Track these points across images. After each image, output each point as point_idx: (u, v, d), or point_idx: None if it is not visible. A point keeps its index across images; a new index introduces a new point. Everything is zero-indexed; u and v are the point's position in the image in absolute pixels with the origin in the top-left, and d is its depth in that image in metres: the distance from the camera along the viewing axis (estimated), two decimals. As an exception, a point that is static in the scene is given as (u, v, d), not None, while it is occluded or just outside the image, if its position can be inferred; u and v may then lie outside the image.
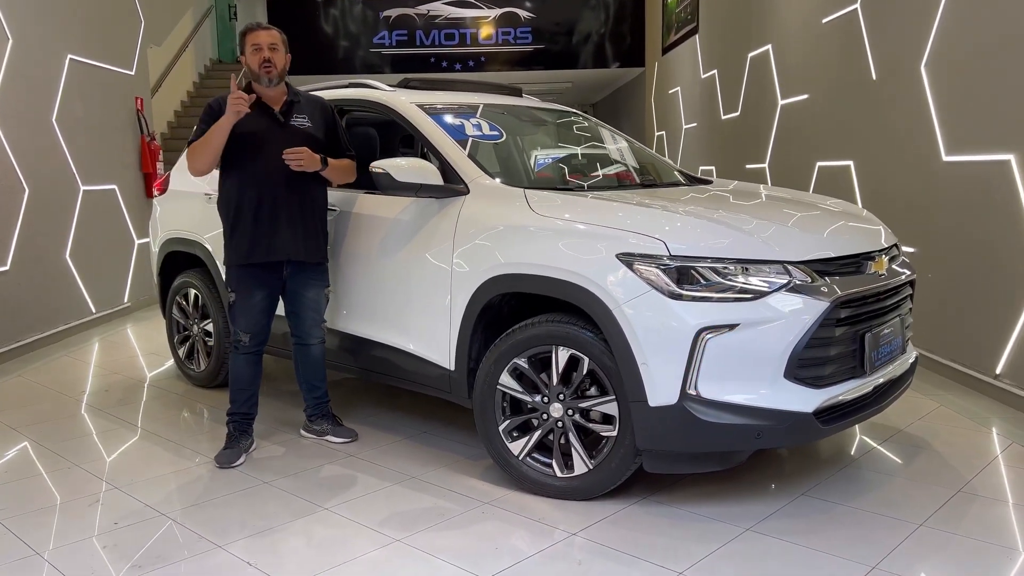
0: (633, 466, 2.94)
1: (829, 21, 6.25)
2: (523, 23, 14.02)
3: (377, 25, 14.03)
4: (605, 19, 14.18)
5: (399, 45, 13.98)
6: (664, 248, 2.77)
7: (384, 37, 13.99)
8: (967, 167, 4.49)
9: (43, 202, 6.12)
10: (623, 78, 15.94)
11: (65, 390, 4.85)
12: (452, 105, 3.89)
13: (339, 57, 14.10)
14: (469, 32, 13.99)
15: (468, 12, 13.94)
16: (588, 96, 19.60)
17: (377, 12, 14.02)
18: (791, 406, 2.74)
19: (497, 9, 13.96)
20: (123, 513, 3.05)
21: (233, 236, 3.52)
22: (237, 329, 3.57)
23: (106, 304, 7.12)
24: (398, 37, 13.97)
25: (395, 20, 13.94)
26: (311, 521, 2.95)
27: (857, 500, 3.03)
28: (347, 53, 14.11)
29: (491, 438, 3.19)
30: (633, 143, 4.51)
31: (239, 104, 3.30)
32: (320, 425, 3.84)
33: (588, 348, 2.93)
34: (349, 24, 14.05)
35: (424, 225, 3.45)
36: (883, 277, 3.07)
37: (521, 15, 14.00)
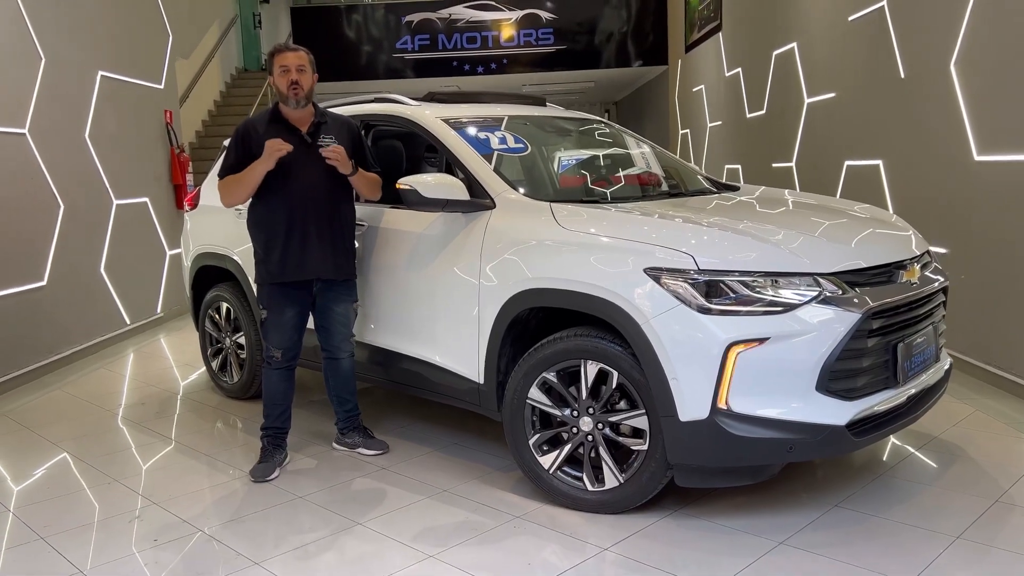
0: (664, 480, 2.94)
1: (856, 19, 6.18)
2: (545, 24, 14.01)
3: (400, 30, 14.09)
4: (627, 17, 14.13)
5: (421, 49, 14.04)
6: (692, 262, 2.77)
7: (407, 42, 14.05)
8: (1000, 167, 4.43)
9: (78, 218, 6.24)
10: (645, 76, 15.87)
11: (102, 403, 4.94)
12: (477, 118, 3.91)
13: (363, 63, 14.19)
14: (491, 35, 14.01)
15: (489, 15, 13.96)
16: (611, 95, 19.55)
17: (399, 17, 14.10)
18: (824, 419, 2.73)
19: (518, 11, 13.96)
20: (162, 529, 3.11)
21: (264, 256, 3.57)
22: (269, 345, 3.63)
23: (140, 315, 7.24)
24: (420, 42, 14.02)
25: (417, 25, 14.00)
26: (346, 536, 2.99)
27: (891, 511, 3.00)
28: (370, 59, 14.20)
29: (521, 452, 3.20)
30: (657, 148, 4.51)
31: (279, 153, 3.38)
32: (352, 438, 3.88)
33: (617, 362, 2.93)
34: (371, 30, 14.14)
35: (451, 239, 3.47)
36: (915, 286, 3.04)
37: (543, 16, 14.00)
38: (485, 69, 14.17)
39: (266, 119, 3.58)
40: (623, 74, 15.42)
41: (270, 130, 3.54)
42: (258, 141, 3.51)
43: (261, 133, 3.53)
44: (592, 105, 20.94)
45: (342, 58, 14.17)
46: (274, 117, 3.57)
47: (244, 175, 3.50)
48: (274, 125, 3.55)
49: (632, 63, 14.33)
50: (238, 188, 3.54)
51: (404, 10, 14.18)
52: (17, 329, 5.44)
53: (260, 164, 3.44)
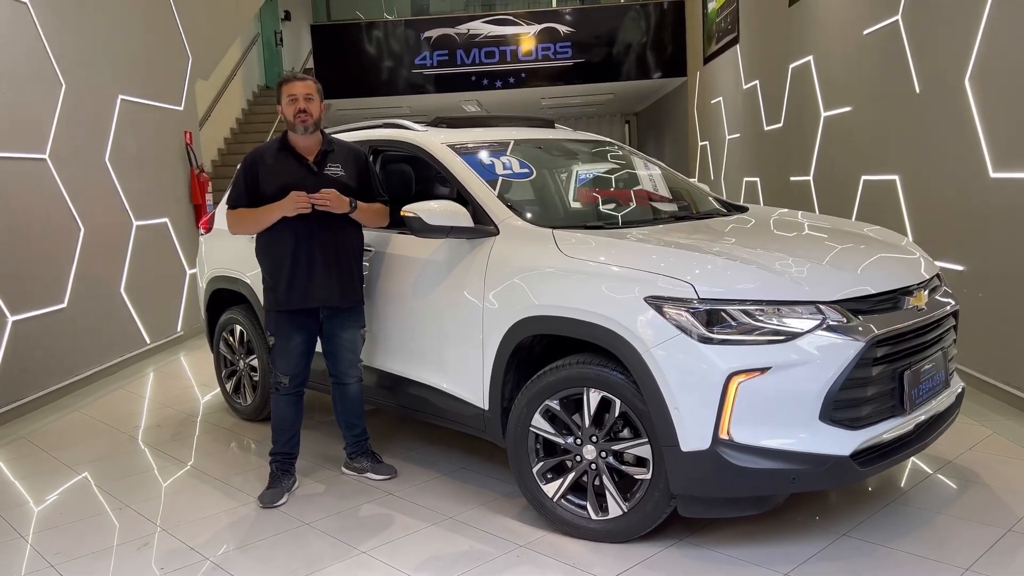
0: (668, 509, 2.92)
1: (870, 32, 6.13)
2: (562, 38, 14.03)
3: (418, 46, 14.19)
4: (645, 30, 14.11)
5: (440, 65, 14.12)
6: (692, 291, 2.75)
7: (425, 58, 14.13)
8: (1016, 184, 4.36)
9: (98, 240, 6.34)
10: (664, 88, 15.83)
11: (119, 425, 5.01)
12: (482, 143, 3.93)
13: (382, 79, 14.29)
14: (509, 49, 14.05)
15: (507, 29, 14.01)
16: (631, 106, 19.51)
17: (418, 33, 14.19)
18: (827, 449, 2.70)
19: (536, 25, 14.00)
20: (169, 556, 3.14)
21: (271, 283, 3.61)
22: (277, 371, 3.66)
23: (160, 334, 7.33)
24: (439, 57, 14.10)
25: (436, 40, 14.08)
26: (350, 565, 3.00)
27: (900, 541, 2.95)
28: (389, 74, 14.29)
29: (525, 480, 3.20)
30: (667, 170, 4.49)
31: (302, 209, 3.44)
32: (360, 463, 3.89)
33: (619, 390, 2.92)
34: (390, 46, 14.24)
35: (456, 266, 3.48)
36: (922, 312, 3.00)
37: (560, 30, 14.02)
38: (503, 83, 14.21)
39: (275, 148, 3.62)
40: (642, 86, 15.39)
41: (279, 158, 3.58)
42: (266, 171, 3.55)
43: (269, 163, 3.57)
44: (612, 117, 20.91)
45: (362, 74, 14.28)
46: (282, 146, 3.61)
47: (259, 214, 3.53)
48: (282, 154, 3.59)
49: (651, 75, 14.30)
50: (249, 224, 3.59)
51: (423, 26, 14.27)
52: (37, 351, 5.53)
53: (278, 210, 3.49)
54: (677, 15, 13.94)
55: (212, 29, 9.23)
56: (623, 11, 14.38)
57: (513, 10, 14.51)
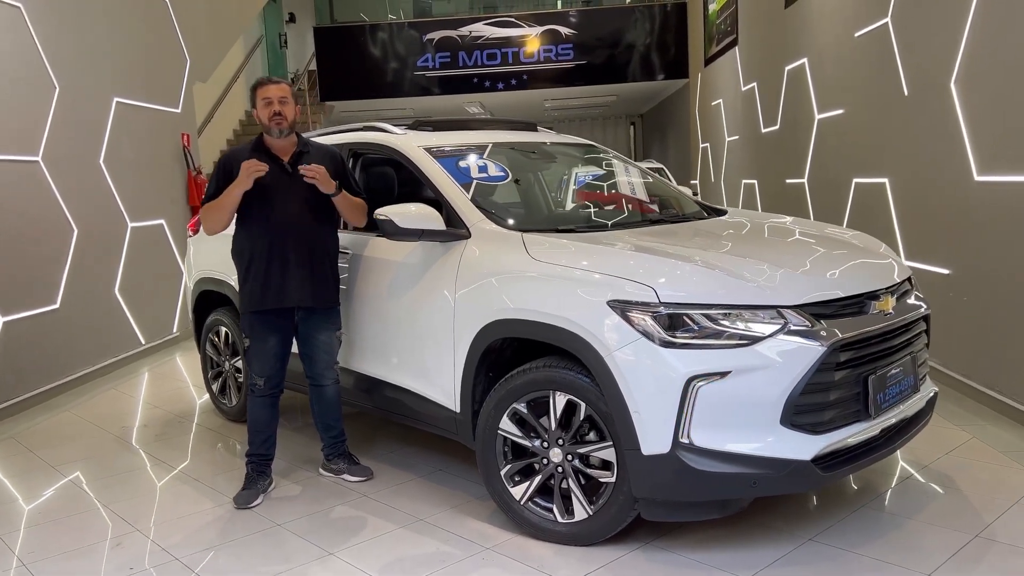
0: (633, 513, 2.92)
1: (862, 35, 6.11)
2: (565, 39, 14.04)
3: (421, 48, 14.23)
4: (647, 32, 14.10)
5: (443, 67, 14.15)
6: (654, 295, 2.75)
7: (428, 59, 14.18)
8: (999, 187, 4.34)
9: (92, 241, 6.39)
10: (668, 90, 15.81)
11: (107, 425, 5.04)
12: (460, 147, 3.94)
13: (384, 81, 14.34)
14: (511, 51, 14.08)
15: (509, 31, 14.03)
16: (635, 108, 19.49)
17: (421, 35, 14.23)
18: (788, 454, 2.69)
19: (538, 27, 14.02)
20: (140, 557, 3.16)
21: (246, 284, 3.63)
22: (252, 373, 3.68)
23: (156, 335, 7.38)
24: (441, 59, 14.14)
25: (438, 42, 14.12)
26: (316, 567, 3.02)
27: (866, 546, 2.94)
28: (392, 76, 14.34)
29: (493, 482, 3.20)
30: (648, 173, 4.49)
31: (255, 173, 3.43)
32: (337, 464, 3.91)
33: (585, 394, 2.92)
34: (393, 48, 14.29)
35: (429, 269, 3.50)
36: (889, 316, 2.99)
37: (563, 32, 14.03)
38: (505, 85, 14.24)
39: (249, 149, 3.64)
40: (644, 88, 15.38)
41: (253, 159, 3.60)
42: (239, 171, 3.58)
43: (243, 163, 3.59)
44: (617, 119, 20.90)
45: (364, 76, 14.35)
46: (256, 147, 3.63)
47: (222, 198, 3.54)
48: (257, 154, 3.61)
49: (653, 77, 14.29)
50: (217, 213, 3.59)
51: (425, 28, 14.32)
52: (29, 351, 5.58)
53: (237, 186, 3.48)
54: (679, 17, 13.93)
55: (211, 31, 9.29)
56: (625, 13, 14.39)
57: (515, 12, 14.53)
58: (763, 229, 3.71)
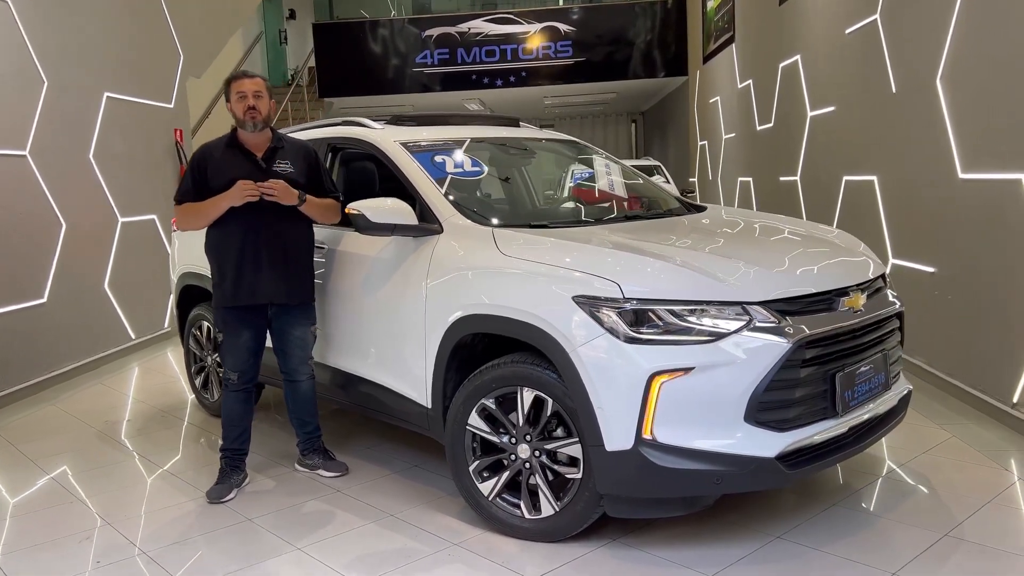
0: (599, 510, 2.90)
1: (852, 32, 6.08)
2: (563, 36, 14.02)
3: (420, 44, 14.22)
4: (646, 29, 14.07)
5: (441, 64, 14.15)
6: (619, 290, 2.74)
7: (427, 56, 14.18)
8: (981, 185, 4.30)
9: (80, 236, 6.39)
10: (668, 87, 15.78)
11: (90, 420, 5.05)
12: (436, 142, 3.92)
13: (383, 77, 14.35)
14: (510, 48, 14.07)
15: (508, 28, 14.02)
16: (636, 105, 19.45)
17: (420, 32, 14.23)
18: (752, 451, 2.67)
19: (537, 24, 14.00)
20: (108, 550, 3.16)
21: (219, 279, 3.62)
22: (226, 368, 3.68)
23: (146, 330, 7.39)
24: (440, 56, 14.14)
25: (437, 39, 14.12)
26: (281, 562, 3.01)
27: (833, 544, 2.92)
28: (390, 73, 14.35)
29: (462, 478, 3.19)
30: (628, 169, 4.47)
31: (248, 197, 3.44)
32: (312, 459, 3.91)
33: (551, 389, 2.91)
34: (392, 44, 14.29)
35: (401, 264, 3.48)
36: (858, 313, 2.96)
37: (561, 29, 14.01)
38: (504, 82, 14.23)
39: (223, 144, 3.63)
40: (644, 85, 15.36)
41: (226, 155, 3.59)
42: (214, 166, 3.57)
43: (217, 158, 3.59)
44: (619, 116, 20.87)
45: (363, 73, 14.35)
46: (230, 142, 3.62)
47: (206, 207, 3.54)
48: (230, 150, 3.60)
49: (652, 74, 14.27)
50: (197, 217, 3.60)
51: (424, 24, 14.32)
52: (15, 346, 5.59)
53: (225, 200, 3.49)
54: (679, 14, 13.90)
55: (205, 27, 9.29)
56: (624, 10, 14.35)
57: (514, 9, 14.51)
58: (738, 226, 3.69)
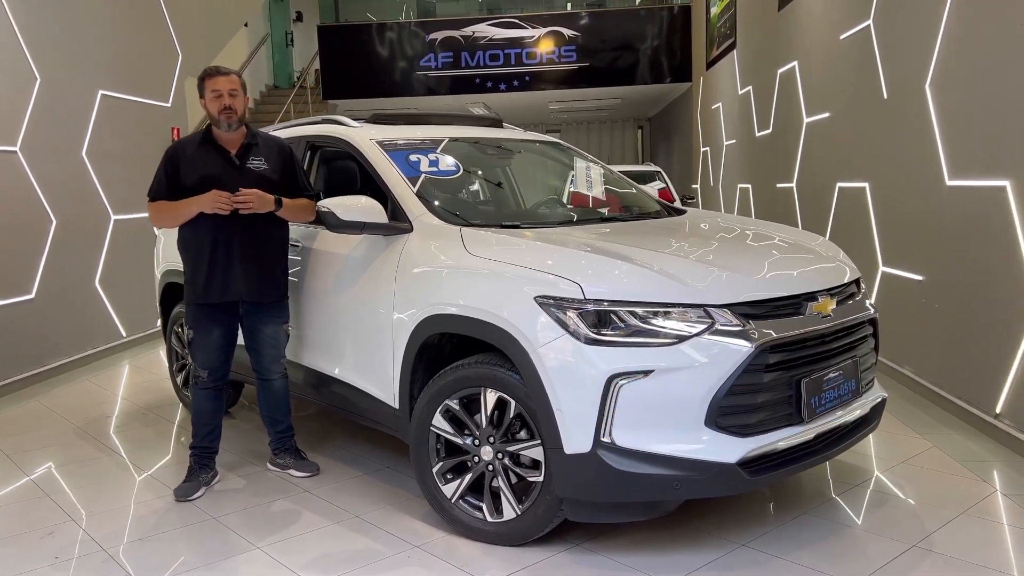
0: (560, 513, 2.86)
1: (846, 37, 6.03)
2: (568, 41, 14.00)
3: (424, 48, 14.23)
4: (651, 34, 14.03)
5: (445, 67, 14.15)
6: (579, 291, 2.70)
7: (430, 59, 14.18)
8: (967, 192, 4.25)
9: (71, 232, 6.40)
10: (673, 93, 15.73)
11: (71, 416, 5.04)
12: (413, 141, 3.89)
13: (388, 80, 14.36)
14: (514, 52, 14.06)
15: (512, 32, 14.01)
16: (642, 111, 19.40)
17: (424, 35, 14.24)
18: (712, 456, 2.62)
19: (541, 28, 13.99)
20: (68, 546, 3.14)
21: (191, 276, 3.61)
22: (196, 365, 3.66)
23: (138, 328, 7.39)
24: (444, 59, 14.14)
25: (441, 42, 14.12)
26: (239, 561, 2.98)
27: (798, 553, 2.87)
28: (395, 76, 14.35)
29: (425, 479, 3.15)
30: (612, 172, 4.43)
31: (218, 209, 3.43)
32: (284, 459, 3.88)
33: (514, 391, 2.87)
34: (396, 47, 14.30)
35: (371, 262, 3.46)
36: (827, 319, 2.91)
37: (566, 33, 13.99)
38: (507, 86, 14.22)
39: (197, 140, 3.62)
40: (649, 91, 15.31)
41: (200, 151, 3.58)
42: (187, 163, 3.55)
43: (190, 155, 3.57)
44: (625, 122, 20.83)
45: (367, 75, 14.37)
46: (205, 138, 3.61)
47: (178, 208, 3.53)
48: (204, 147, 3.59)
49: (656, 80, 14.22)
50: (168, 217, 3.60)
51: (429, 28, 14.33)
52: (1, 341, 5.59)
53: (196, 204, 3.48)
54: (683, 20, 13.86)
55: (205, 27, 9.31)
56: (629, 15, 14.34)
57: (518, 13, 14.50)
58: (712, 230, 3.64)
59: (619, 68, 14.17)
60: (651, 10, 14.08)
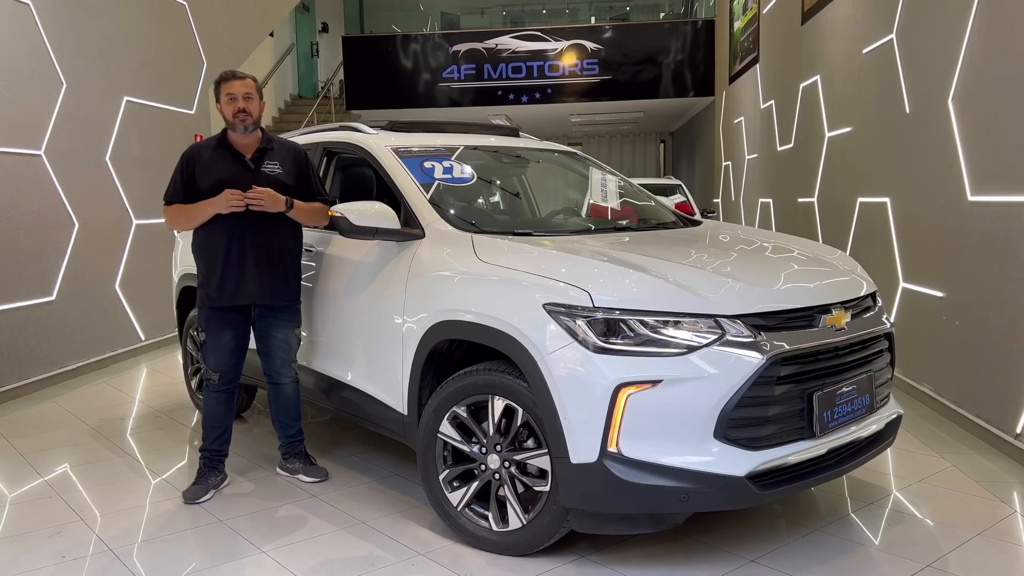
0: (566, 524, 2.83)
1: (869, 51, 5.97)
2: (590, 54, 14.02)
3: (447, 59, 14.31)
4: (674, 48, 14.01)
5: (467, 79, 14.21)
6: (589, 299, 2.67)
7: (453, 71, 14.25)
8: (989, 208, 4.17)
9: (93, 236, 6.48)
10: (696, 107, 15.68)
11: (86, 417, 5.08)
12: (427, 148, 3.90)
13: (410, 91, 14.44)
14: (536, 64, 14.09)
15: (535, 45, 14.05)
16: (665, 126, 19.37)
17: (447, 47, 14.32)
18: (721, 469, 2.58)
19: (564, 41, 14.02)
20: (75, 546, 3.15)
21: (204, 279, 3.62)
22: (208, 368, 3.67)
23: (156, 331, 7.45)
24: (467, 71, 14.21)
25: (464, 54, 14.19)
26: (244, 564, 2.97)
27: (808, 570, 2.81)
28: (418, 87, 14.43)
29: (432, 487, 3.13)
30: (627, 182, 4.41)
31: (233, 208, 3.45)
32: (293, 464, 3.87)
33: (521, 398, 2.85)
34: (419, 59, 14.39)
35: (383, 268, 3.46)
36: (841, 332, 2.86)
37: (588, 47, 14.01)
38: (529, 99, 14.25)
39: (212, 144, 3.64)
40: (672, 105, 15.28)
41: (216, 155, 3.60)
42: (202, 167, 3.58)
43: (206, 159, 3.59)
44: (647, 136, 20.80)
45: (390, 86, 14.47)
46: (220, 143, 3.63)
47: (193, 211, 3.55)
48: (220, 150, 3.61)
49: (678, 94, 14.19)
50: (184, 220, 3.62)
51: (452, 40, 14.41)
52: (21, 341, 5.66)
53: (212, 206, 3.50)
54: (707, 34, 13.83)
55: (230, 36, 9.41)
56: (652, 29, 14.33)
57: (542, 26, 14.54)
58: (727, 241, 3.60)
59: (642, 82, 14.16)
60: (675, 24, 14.08)
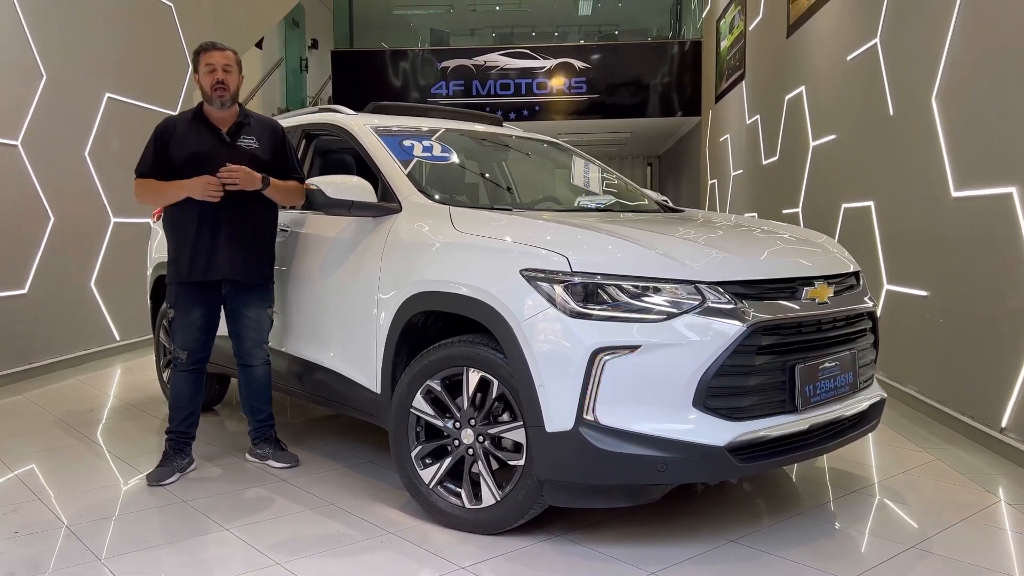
0: (541, 500, 2.73)
1: (854, 58, 6.00)
2: (578, 73, 14.08)
3: (436, 75, 14.34)
4: (661, 69, 14.10)
5: (455, 95, 14.23)
6: (567, 264, 2.61)
7: (442, 87, 14.28)
8: (972, 202, 4.15)
9: (69, 231, 6.36)
10: (682, 128, 15.77)
11: (53, 409, 4.93)
12: (408, 129, 3.85)
13: (400, 106, 14.42)
14: (524, 82, 14.14)
15: (523, 63, 14.10)
16: (653, 148, 19.46)
17: (436, 63, 14.36)
18: (700, 438, 2.50)
19: (552, 59, 14.08)
20: (31, 523, 3.02)
21: (174, 255, 3.54)
22: (175, 346, 3.57)
23: (132, 332, 7.30)
24: (455, 87, 14.23)
25: (453, 70, 14.23)
26: (205, 541, 2.86)
27: (789, 551, 2.72)
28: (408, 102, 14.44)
29: (403, 464, 3.03)
30: (610, 172, 4.37)
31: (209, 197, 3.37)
32: (263, 449, 3.76)
33: (497, 370, 2.77)
34: (409, 74, 14.41)
35: (359, 244, 3.38)
36: (824, 306, 2.81)
37: (576, 65, 14.08)
38: (517, 116, 14.26)
39: (188, 118, 3.57)
40: (659, 125, 15.35)
41: (190, 128, 3.53)
42: (176, 139, 3.50)
43: (181, 132, 3.52)
44: (635, 158, 20.89)
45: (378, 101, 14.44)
46: (196, 116, 3.56)
47: (165, 189, 3.47)
48: (194, 124, 3.54)
49: (665, 113, 14.25)
50: (153, 196, 3.57)
51: (441, 56, 14.45)
52: (-10, 333, 5.53)
53: (184, 190, 3.42)
54: (694, 54, 13.93)
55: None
56: (640, 50, 14.43)
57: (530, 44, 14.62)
58: (708, 221, 3.56)
59: (629, 102, 14.21)
60: (662, 44, 14.19)
